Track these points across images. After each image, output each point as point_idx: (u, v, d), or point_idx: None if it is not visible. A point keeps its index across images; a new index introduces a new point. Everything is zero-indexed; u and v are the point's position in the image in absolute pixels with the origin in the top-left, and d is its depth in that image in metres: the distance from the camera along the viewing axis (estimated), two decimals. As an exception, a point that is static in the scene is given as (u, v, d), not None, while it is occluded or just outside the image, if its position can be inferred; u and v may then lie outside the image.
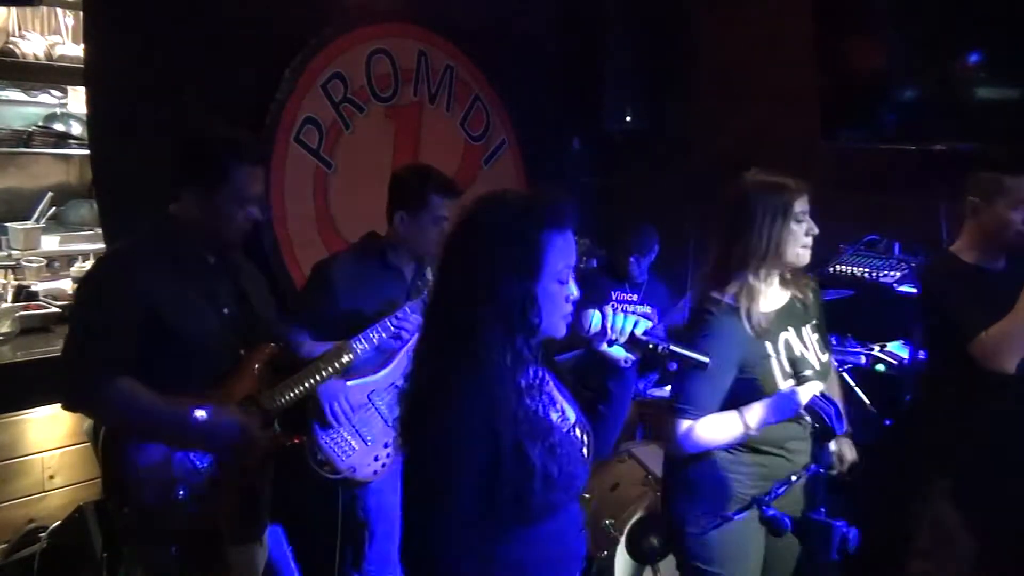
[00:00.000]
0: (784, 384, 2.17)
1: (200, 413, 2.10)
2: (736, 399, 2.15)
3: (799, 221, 2.19)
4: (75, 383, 2.10)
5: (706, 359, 1.68)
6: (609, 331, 1.61)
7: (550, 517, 1.57)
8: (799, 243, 2.19)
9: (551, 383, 1.67)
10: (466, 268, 1.52)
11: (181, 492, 2.12)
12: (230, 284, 2.29)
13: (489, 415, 1.47)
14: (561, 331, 1.59)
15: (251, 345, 2.30)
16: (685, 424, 2.13)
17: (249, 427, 2.20)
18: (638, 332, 1.62)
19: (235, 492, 2.23)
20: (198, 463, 2.16)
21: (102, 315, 2.09)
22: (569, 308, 1.58)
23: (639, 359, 1.68)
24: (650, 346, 1.63)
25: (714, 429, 2.14)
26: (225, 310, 2.25)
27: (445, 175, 2.78)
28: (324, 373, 2.47)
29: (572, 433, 1.64)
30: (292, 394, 2.37)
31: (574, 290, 1.58)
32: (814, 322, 2.32)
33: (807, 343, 2.26)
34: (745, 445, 2.20)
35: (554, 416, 1.60)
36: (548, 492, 1.51)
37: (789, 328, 2.24)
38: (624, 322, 1.62)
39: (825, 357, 2.30)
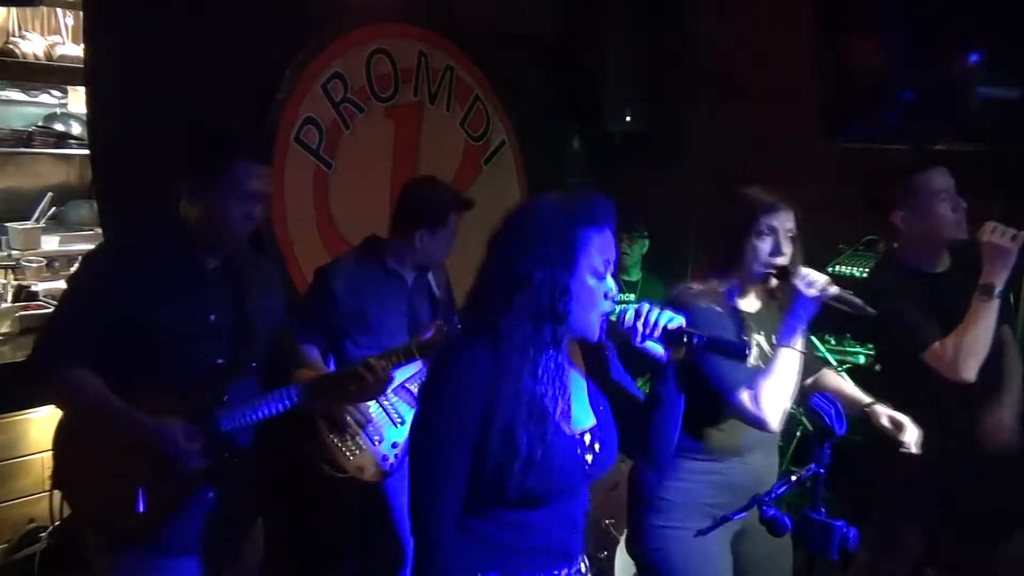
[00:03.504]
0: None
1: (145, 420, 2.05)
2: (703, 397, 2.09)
3: (763, 235, 2.17)
4: (34, 363, 2.13)
5: (745, 342, 1.65)
6: (640, 326, 1.62)
7: (534, 506, 1.59)
8: (759, 260, 2.18)
9: (571, 381, 1.67)
10: (505, 260, 1.60)
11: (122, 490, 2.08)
12: (228, 291, 2.21)
13: (489, 390, 1.54)
14: (595, 332, 1.62)
15: (234, 357, 2.20)
16: (746, 394, 2.08)
17: (182, 445, 2.07)
18: (671, 326, 1.62)
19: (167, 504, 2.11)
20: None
21: (74, 307, 2.13)
22: (608, 306, 1.61)
23: (679, 357, 1.67)
24: (684, 339, 1.62)
25: (775, 383, 2.08)
26: (212, 317, 2.17)
27: (458, 191, 2.86)
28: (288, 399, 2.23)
29: (575, 436, 1.64)
30: (248, 417, 2.18)
31: (612, 286, 1.61)
32: None
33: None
34: (703, 451, 2.18)
35: (558, 409, 1.60)
36: (527, 477, 1.53)
37: (762, 332, 2.23)
38: (656, 316, 1.62)
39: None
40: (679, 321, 1.63)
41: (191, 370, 2.14)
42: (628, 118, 4.47)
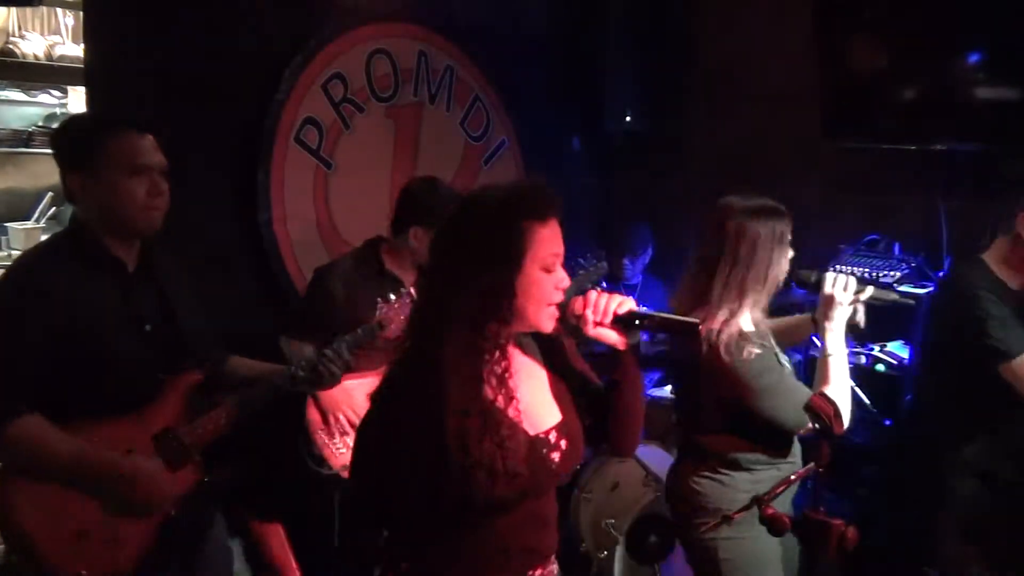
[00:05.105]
0: None
1: (115, 464, 1.86)
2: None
3: (788, 245, 2.18)
4: None
5: (696, 320, 1.62)
6: (590, 313, 1.58)
7: (503, 513, 1.55)
8: (785, 270, 2.20)
9: (527, 379, 1.64)
10: (446, 258, 1.55)
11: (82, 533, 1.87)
12: (154, 295, 2.03)
13: (438, 402, 1.47)
14: (547, 324, 1.57)
15: (174, 367, 2.03)
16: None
17: (160, 479, 1.92)
18: (620, 311, 1.58)
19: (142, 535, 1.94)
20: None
21: (10, 342, 1.83)
22: (559, 298, 1.56)
23: (637, 344, 1.64)
24: (635, 321, 1.59)
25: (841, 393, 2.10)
26: (147, 327, 1.99)
27: (455, 189, 2.80)
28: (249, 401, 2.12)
29: (539, 436, 1.60)
30: (213, 427, 2.05)
31: (563, 279, 1.56)
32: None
33: (778, 351, 2.26)
34: (763, 461, 2.20)
35: (510, 412, 1.55)
36: (495, 486, 1.47)
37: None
38: (605, 302, 1.59)
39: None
40: (629, 304, 1.60)
41: (137, 388, 1.97)
42: (628, 118, 4.47)
